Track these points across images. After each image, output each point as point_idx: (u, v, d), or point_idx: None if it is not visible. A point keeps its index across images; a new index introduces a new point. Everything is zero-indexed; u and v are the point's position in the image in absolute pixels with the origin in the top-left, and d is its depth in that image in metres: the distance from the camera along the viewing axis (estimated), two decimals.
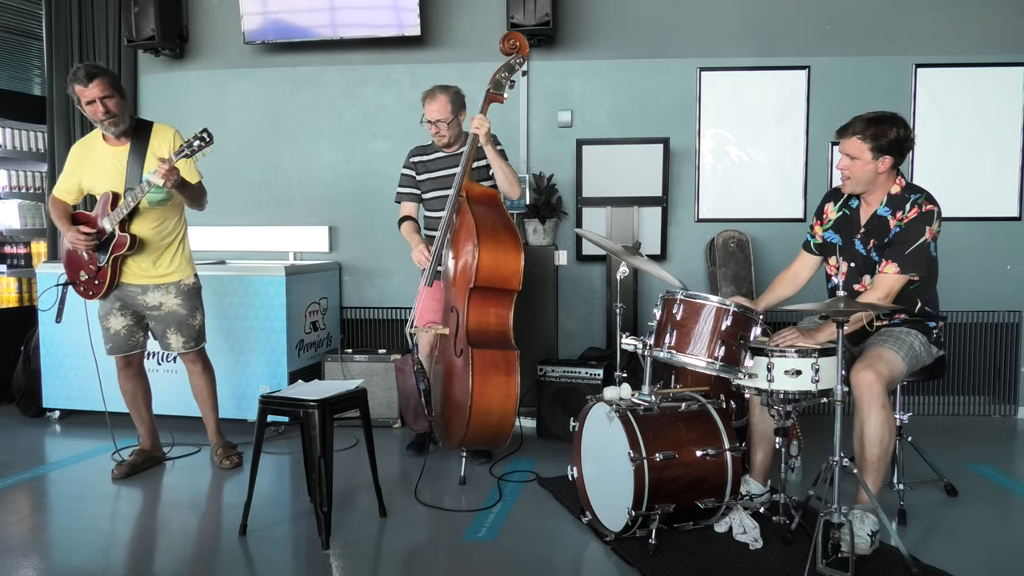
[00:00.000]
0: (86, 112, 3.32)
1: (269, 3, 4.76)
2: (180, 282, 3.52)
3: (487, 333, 3.36)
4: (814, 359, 2.66)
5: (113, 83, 3.32)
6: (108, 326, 3.54)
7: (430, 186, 3.73)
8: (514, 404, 3.34)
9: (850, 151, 2.85)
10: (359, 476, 3.36)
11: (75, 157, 3.50)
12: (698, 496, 2.72)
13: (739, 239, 4.50)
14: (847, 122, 2.88)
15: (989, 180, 4.56)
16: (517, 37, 3.46)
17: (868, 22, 4.56)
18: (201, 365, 3.65)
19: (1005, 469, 3.64)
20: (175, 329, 3.52)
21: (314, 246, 4.97)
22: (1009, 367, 4.59)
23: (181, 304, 3.51)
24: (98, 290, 3.43)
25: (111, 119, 3.31)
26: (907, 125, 2.83)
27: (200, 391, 3.68)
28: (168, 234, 3.49)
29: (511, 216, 3.55)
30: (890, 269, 2.80)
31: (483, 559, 2.73)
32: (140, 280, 3.47)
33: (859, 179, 2.87)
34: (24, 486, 3.50)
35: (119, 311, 3.52)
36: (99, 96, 3.26)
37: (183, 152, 3.17)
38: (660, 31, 4.69)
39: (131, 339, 3.57)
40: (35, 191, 5.58)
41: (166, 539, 2.97)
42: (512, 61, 3.44)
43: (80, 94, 3.27)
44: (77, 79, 3.25)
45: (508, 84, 3.44)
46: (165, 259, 3.48)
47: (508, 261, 3.35)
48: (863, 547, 2.55)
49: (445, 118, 3.56)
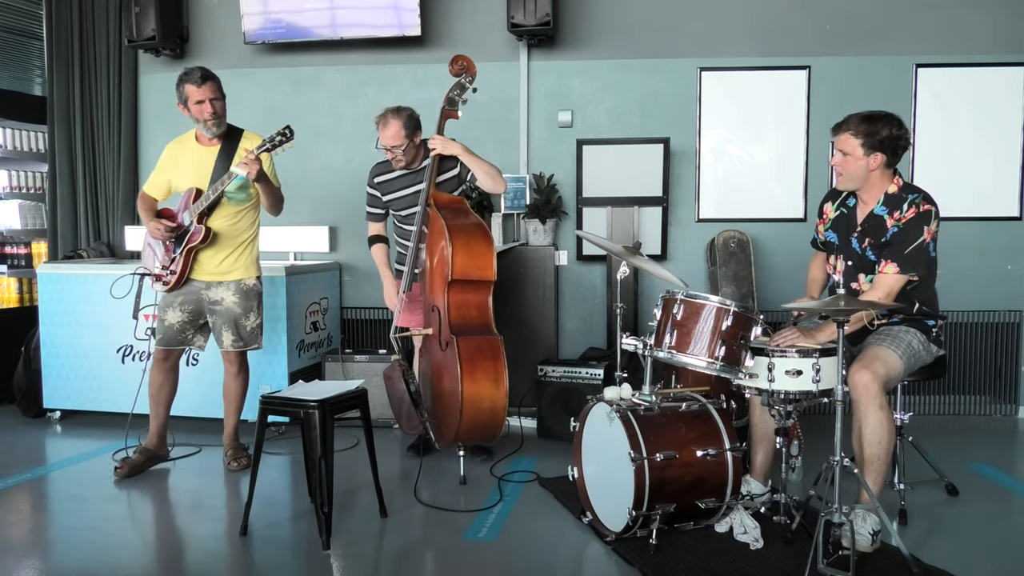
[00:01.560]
0: (191, 113, 3.45)
1: (269, 3, 4.76)
2: (241, 281, 3.60)
3: (469, 324, 3.43)
4: (815, 359, 2.66)
5: (221, 88, 3.49)
6: (165, 318, 3.60)
7: (402, 204, 3.78)
8: (504, 388, 3.36)
9: (843, 147, 2.88)
10: (360, 476, 3.36)
11: (169, 155, 3.64)
12: (699, 496, 2.72)
13: (739, 239, 4.50)
14: (843, 119, 2.91)
15: (990, 180, 4.56)
16: (464, 59, 3.63)
17: (868, 22, 4.55)
18: (238, 367, 3.69)
19: (1006, 469, 3.64)
20: (228, 327, 3.59)
21: (314, 246, 4.97)
22: (1010, 367, 4.59)
23: (237, 303, 3.58)
24: (172, 281, 3.53)
25: (216, 120, 3.46)
26: (901, 124, 2.85)
27: (230, 392, 3.72)
28: (241, 232, 3.59)
29: (480, 217, 3.67)
30: (889, 269, 2.80)
31: (484, 559, 2.73)
32: (205, 276, 3.57)
33: (851, 175, 2.89)
34: (25, 486, 3.50)
35: (179, 306, 3.58)
36: (210, 97, 3.42)
37: (264, 146, 3.31)
38: (660, 31, 4.69)
39: (181, 334, 3.62)
40: (35, 191, 5.58)
41: (167, 539, 2.98)
42: (463, 81, 3.62)
43: (192, 93, 3.41)
44: (191, 79, 3.41)
45: (461, 101, 3.64)
46: (232, 256, 3.58)
47: (481, 252, 3.45)
48: (864, 547, 2.56)
49: (400, 144, 3.62)
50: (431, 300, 3.54)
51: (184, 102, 3.46)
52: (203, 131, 3.51)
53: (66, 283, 4.46)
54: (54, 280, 4.50)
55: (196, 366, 4.28)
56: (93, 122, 5.16)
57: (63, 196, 5.19)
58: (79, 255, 4.95)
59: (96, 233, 5.21)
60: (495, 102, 4.73)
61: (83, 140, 5.17)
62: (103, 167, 5.18)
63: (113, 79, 5.11)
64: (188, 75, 3.44)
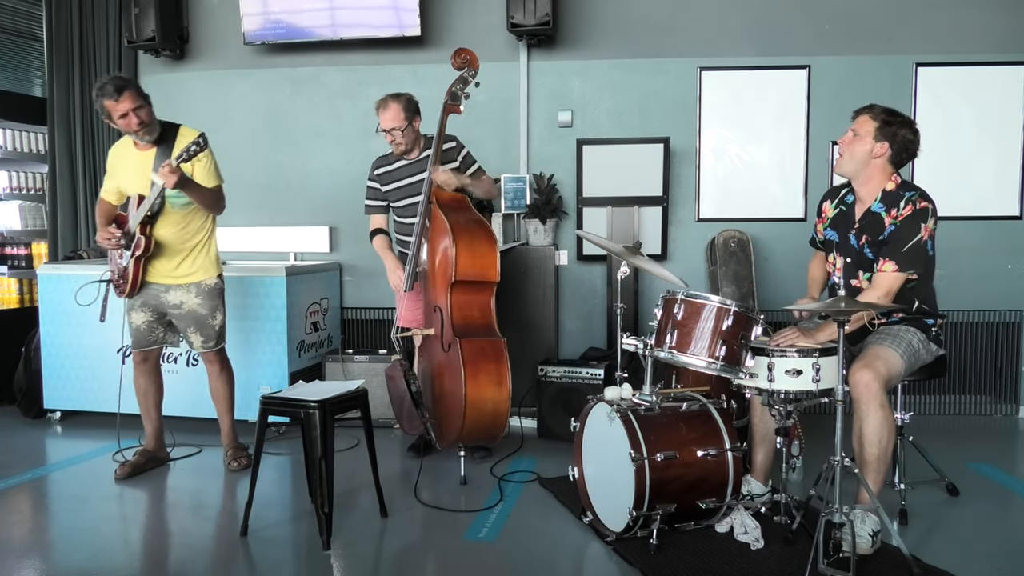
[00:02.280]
0: (119, 126, 3.35)
1: (269, 4, 4.76)
2: (201, 282, 3.58)
3: (472, 325, 3.42)
4: (815, 359, 2.66)
5: (140, 92, 3.35)
6: (131, 320, 3.61)
7: (399, 195, 3.79)
8: (507, 391, 3.36)
9: (857, 127, 2.90)
10: (360, 476, 3.36)
11: (111, 161, 3.59)
12: (699, 496, 2.72)
13: (740, 239, 4.50)
14: (868, 104, 2.94)
15: (990, 179, 4.56)
16: (467, 52, 3.60)
17: (868, 21, 4.55)
18: (219, 366, 3.69)
19: (1006, 468, 3.64)
20: (195, 328, 3.58)
21: (315, 246, 4.97)
22: (1010, 366, 4.58)
23: (201, 304, 3.57)
24: (124, 288, 3.54)
25: (144, 129, 3.35)
26: (916, 132, 2.89)
27: (216, 392, 3.72)
28: (191, 236, 3.54)
29: (482, 216, 3.67)
30: (888, 267, 2.80)
31: (484, 559, 2.73)
32: (163, 280, 3.55)
33: (852, 156, 2.91)
34: (25, 487, 3.50)
35: (141, 307, 3.58)
36: (131, 108, 3.28)
37: (181, 157, 3.21)
38: (660, 31, 4.68)
39: (151, 334, 3.62)
40: (36, 192, 5.58)
41: (167, 540, 2.97)
42: (465, 74, 3.60)
43: (111, 109, 3.28)
44: (106, 94, 3.25)
45: (464, 96, 3.61)
46: (188, 260, 3.55)
47: (484, 253, 3.44)
48: (864, 547, 2.55)
49: (399, 126, 3.64)
50: (433, 300, 3.52)
51: (108, 117, 3.34)
52: (136, 139, 3.42)
53: (66, 284, 4.45)
54: (54, 281, 4.50)
55: (196, 366, 4.28)
56: (93, 123, 5.16)
57: (63, 197, 5.19)
58: (79, 256, 4.95)
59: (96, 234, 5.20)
60: (495, 102, 4.73)
61: (83, 141, 5.17)
62: (103, 168, 5.16)
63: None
64: (102, 90, 3.26)
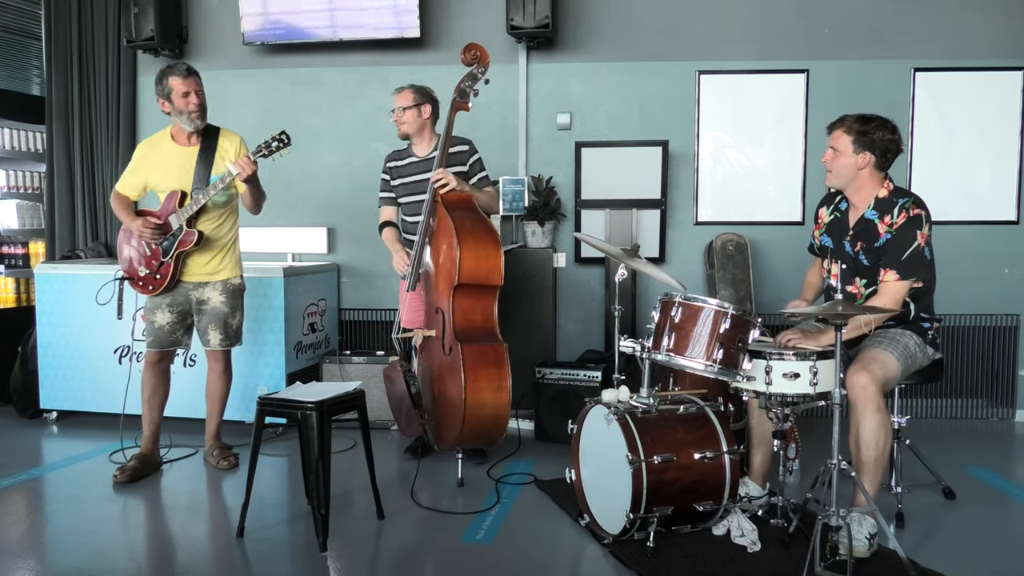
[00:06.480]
0: (174, 106, 3.43)
1: (269, 4, 4.76)
2: (228, 280, 3.63)
3: (474, 329, 3.40)
4: (812, 362, 2.67)
5: (202, 85, 3.49)
6: (154, 320, 3.60)
7: (404, 191, 3.80)
8: (507, 396, 3.34)
9: (834, 144, 2.93)
10: (357, 478, 3.35)
11: (141, 155, 3.61)
12: (696, 499, 2.72)
13: (738, 242, 4.50)
14: (838, 118, 2.96)
15: (987, 184, 4.57)
16: (477, 48, 3.57)
17: (867, 26, 4.56)
18: (224, 365, 3.70)
19: (1003, 472, 3.65)
20: (216, 326, 3.60)
21: (313, 247, 4.96)
22: (1007, 370, 4.59)
23: (224, 302, 3.60)
24: (159, 285, 3.52)
25: (200, 112, 3.46)
26: (894, 129, 2.89)
27: (215, 391, 3.72)
28: (225, 234, 3.62)
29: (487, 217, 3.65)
30: (890, 276, 2.81)
31: (481, 561, 2.73)
32: (194, 277, 3.58)
33: (839, 172, 2.93)
34: (21, 487, 3.49)
35: (167, 307, 3.58)
36: (195, 89, 3.43)
37: (261, 151, 3.31)
38: (659, 34, 4.69)
39: (172, 335, 3.62)
40: (33, 191, 5.57)
41: (163, 541, 2.97)
42: (475, 71, 3.57)
43: (176, 86, 3.40)
44: (178, 72, 3.41)
45: (472, 93, 3.58)
46: (218, 258, 3.60)
47: (488, 256, 3.41)
48: (861, 550, 2.56)
49: (407, 104, 3.68)
50: (435, 301, 3.50)
51: (167, 96, 3.43)
52: (184, 124, 3.47)
53: (63, 283, 4.45)
54: (51, 280, 4.49)
55: (193, 367, 4.28)
56: (91, 122, 5.15)
57: (61, 196, 5.18)
58: (77, 255, 4.95)
59: (94, 233, 5.20)
60: (494, 104, 4.72)
61: (81, 140, 5.16)
62: (101, 167, 5.17)
63: (112, 79, 5.10)
64: (173, 68, 3.43)
